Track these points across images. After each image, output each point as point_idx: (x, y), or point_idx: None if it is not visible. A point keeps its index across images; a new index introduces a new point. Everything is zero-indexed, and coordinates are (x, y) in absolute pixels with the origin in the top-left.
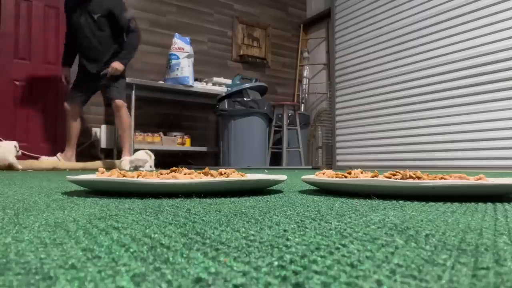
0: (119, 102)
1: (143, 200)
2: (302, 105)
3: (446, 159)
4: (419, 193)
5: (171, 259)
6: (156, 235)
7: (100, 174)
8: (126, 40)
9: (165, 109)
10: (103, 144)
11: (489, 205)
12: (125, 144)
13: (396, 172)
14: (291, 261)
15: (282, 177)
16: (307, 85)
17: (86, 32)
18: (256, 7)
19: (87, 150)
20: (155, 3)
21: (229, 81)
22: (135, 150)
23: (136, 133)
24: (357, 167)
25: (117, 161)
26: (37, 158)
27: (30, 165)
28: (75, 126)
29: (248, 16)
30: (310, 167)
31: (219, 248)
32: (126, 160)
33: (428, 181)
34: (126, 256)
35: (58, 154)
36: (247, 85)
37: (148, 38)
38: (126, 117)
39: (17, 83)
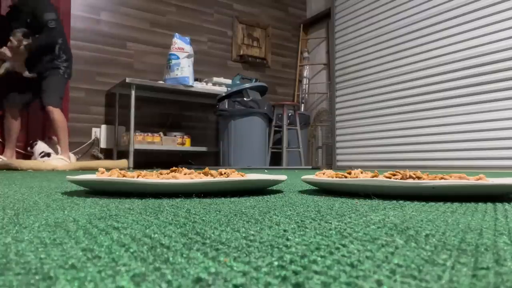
0: (49, 108)
1: (143, 200)
2: (302, 105)
3: (446, 159)
4: (419, 193)
5: (171, 259)
6: (156, 235)
7: (100, 174)
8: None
9: (165, 109)
10: (102, 144)
11: (489, 205)
12: (61, 144)
13: (396, 172)
14: (291, 261)
15: (282, 177)
16: (307, 85)
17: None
18: (256, 7)
19: (87, 150)
20: (155, 3)
21: (229, 81)
22: (135, 150)
23: (136, 133)
24: (357, 167)
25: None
26: None
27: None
28: (15, 127)
29: (248, 16)
30: (310, 167)
31: (219, 248)
32: (55, 158)
33: (428, 181)
34: (126, 256)
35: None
36: (247, 85)
37: (148, 38)
38: (58, 119)
39: None
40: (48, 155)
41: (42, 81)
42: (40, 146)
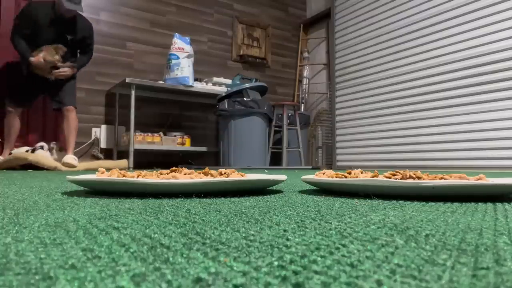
0: (70, 108)
1: (143, 200)
2: (302, 105)
3: (446, 159)
4: (419, 193)
5: (171, 259)
6: (156, 235)
7: (100, 174)
8: (81, 54)
9: (165, 109)
10: (102, 144)
11: (489, 205)
12: (71, 144)
13: (396, 172)
14: (291, 261)
15: (282, 177)
16: (307, 85)
17: (52, 42)
18: (256, 7)
19: (87, 150)
20: (155, 3)
21: (229, 81)
22: (135, 150)
23: (136, 133)
24: (357, 167)
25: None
26: None
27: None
28: (16, 126)
29: (248, 16)
30: (310, 167)
31: (219, 248)
32: (70, 157)
33: (428, 181)
34: (126, 256)
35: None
36: (247, 85)
37: (148, 38)
38: (74, 120)
39: None
40: (42, 147)
41: (60, 82)
42: (19, 150)
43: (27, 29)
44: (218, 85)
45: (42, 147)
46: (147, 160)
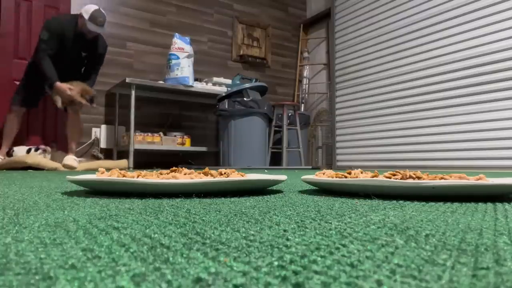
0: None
1: (143, 200)
2: (302, 105)
3: (446, 159)
4: (419, 193)
5: (171, 259)
6: (156, 235)
7: (100, 174)
8: (92, 71)
9: (165, 109)
10: (102, 144)
11: (489, 205)
12: (75, 144)
13: (396, 172)
14: (291, 261)
15: (282, 177)
16: (307, 85)
17: (71, 58)
18: (256, 7)
19: (87, 150)
20: (155, 3)
21: (229, 81)
22: (135, 150)
23: (136, 133)
24: (357, 167)
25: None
26: None
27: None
28: (16, 126)
29: (248, 16)
30: (310, 167)
31: (219, 248)
32: (70, 158)
33: (428, 181)
34: (126, 256)
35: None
36: (247, 85)
37: (148, 38)
38: (79, 121)
39: (17, 83)
40: (37, 149)
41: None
42: (20, 149)
43: (55, 43)
44: (218, 85)
45: (44, 150)
46: (147, 160)
